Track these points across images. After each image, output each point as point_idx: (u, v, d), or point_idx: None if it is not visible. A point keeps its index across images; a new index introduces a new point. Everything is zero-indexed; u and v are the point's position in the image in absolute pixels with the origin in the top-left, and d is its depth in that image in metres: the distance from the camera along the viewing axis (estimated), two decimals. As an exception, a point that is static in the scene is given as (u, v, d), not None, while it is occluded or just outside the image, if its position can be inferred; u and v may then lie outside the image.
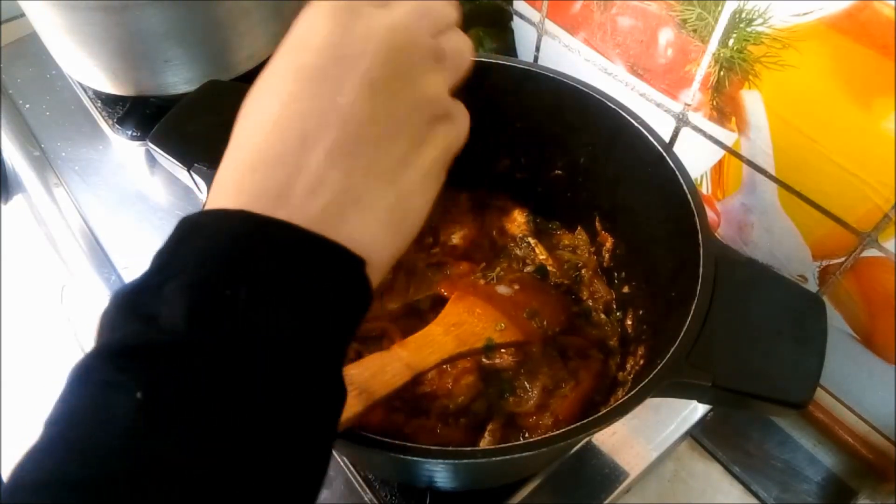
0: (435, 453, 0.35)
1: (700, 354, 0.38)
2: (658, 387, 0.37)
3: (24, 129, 0.79)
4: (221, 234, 0.24)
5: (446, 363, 0.48)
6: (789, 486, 0.60)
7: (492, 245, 0.62)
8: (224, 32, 0.69)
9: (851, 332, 0.55)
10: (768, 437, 0.63)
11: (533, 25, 0.68)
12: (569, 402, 0.51)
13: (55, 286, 0.76)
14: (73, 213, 0.72)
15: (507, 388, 0.51)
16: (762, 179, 0.55)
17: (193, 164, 0.48)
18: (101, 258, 0.68)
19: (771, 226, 0.56)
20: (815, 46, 0.46)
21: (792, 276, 0.56)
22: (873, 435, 0.59)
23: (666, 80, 0.58)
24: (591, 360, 0.54)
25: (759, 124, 0.52)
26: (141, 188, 0.73)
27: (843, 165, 0.48)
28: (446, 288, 0.56)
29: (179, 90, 0.71)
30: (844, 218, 0.50)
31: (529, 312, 0.53)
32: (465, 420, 0.50)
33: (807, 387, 0.38)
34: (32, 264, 0.81)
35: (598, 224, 0.59)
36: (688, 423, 0.59)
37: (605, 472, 0.56)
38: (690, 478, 0.61)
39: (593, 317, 0.58)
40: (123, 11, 0.63)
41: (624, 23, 0.58)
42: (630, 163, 0.51)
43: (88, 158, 0.76)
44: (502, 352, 0.52)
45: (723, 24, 0.50)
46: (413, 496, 0.53)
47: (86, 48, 0.68)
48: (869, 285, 0.52)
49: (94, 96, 0.79)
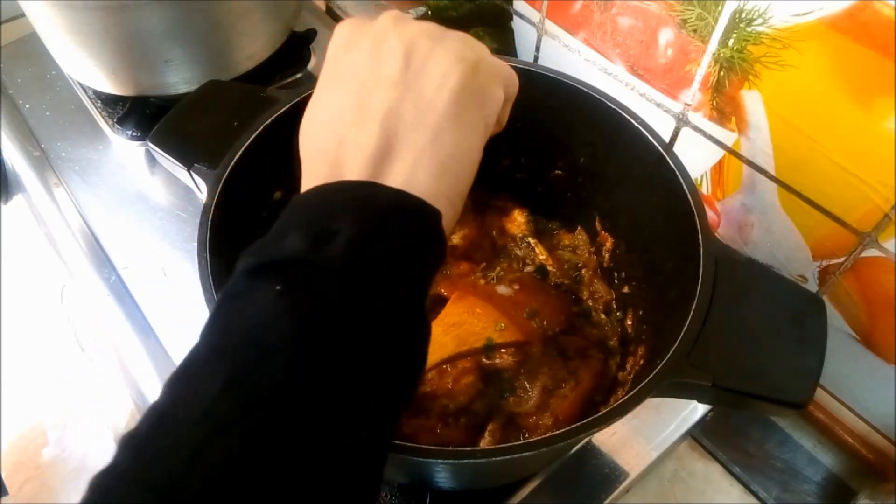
0: (435, 453, 0.35)
1: (700, 354, 0.38)
2: (658, 387, 0.37)
3: (24, 129, 0.79)
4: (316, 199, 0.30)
5: (446, 363, 0.48)
6: (789, 486, 0.60)
7: (492, 245, 0.62)
8: (224, 32, 0.69)
9: (851, 332, 0.55)
10: (768, 437, 0.63)
11: (533, 25, 0.68)
12: (569, 402, 0.51)
13: (55, 286, 0.76)
14: (73, 213, 0.72)
15: (507, 388, 0.51)
16: (762, 179, 0.55)
17: (193, 164, 0.48)
18: (101, 258, 0.68)
19: (771, 226, 0.56)
20: (815, 46, 0.46)
21: (792, 276, 0.56)
22: (873, 435, 0.59)
23: (666, 80, 0.58)
24: (591, 360, 0.54)
25: (759, 124, 0.53)
26: (141, 188, 0.74)
27: (843, 165, 0.48)
28: (446, 288, 0.56)
29: (179, 90, 0.71)
30: (844, 218, 0.50)
31: (529, 312, 0.53)
32: (465, 420, 0.50)
33: (807, 387, 0.38)
34: (32, 264, 0.81)
35: (598, 224, 0.59)
36: (688, 423, 0.59)
37: (605, 472, 0.56)
38: (690, 478, 0.61)
39: (593, 317, 0.58)
40: (123, 11, 0.63)
41: (624, 23, 0.58)
42: (630, 163, 0.51)
43: (88, 158, 0.76)
44: (502, 352, 0.52)
45: (723, 24, 0.50)
46: (413, 496, 0.53)
47: (86, 48, 0.68)
48: (869, 285, 0.52)
49: (94, 96, 0.79)
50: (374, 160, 0.30)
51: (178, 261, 0.67)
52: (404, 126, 0.31)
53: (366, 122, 0.31)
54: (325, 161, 0.31)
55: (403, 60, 0.32)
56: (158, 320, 0.63)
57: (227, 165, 0.45)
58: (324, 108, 0.33)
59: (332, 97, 0.33)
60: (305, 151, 0.33)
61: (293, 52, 0.81)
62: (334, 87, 0.33)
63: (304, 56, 0.83)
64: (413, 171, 0.30)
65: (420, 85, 0.31)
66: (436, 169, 0.31)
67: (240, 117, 0.49)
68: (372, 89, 0.31)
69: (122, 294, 0.66)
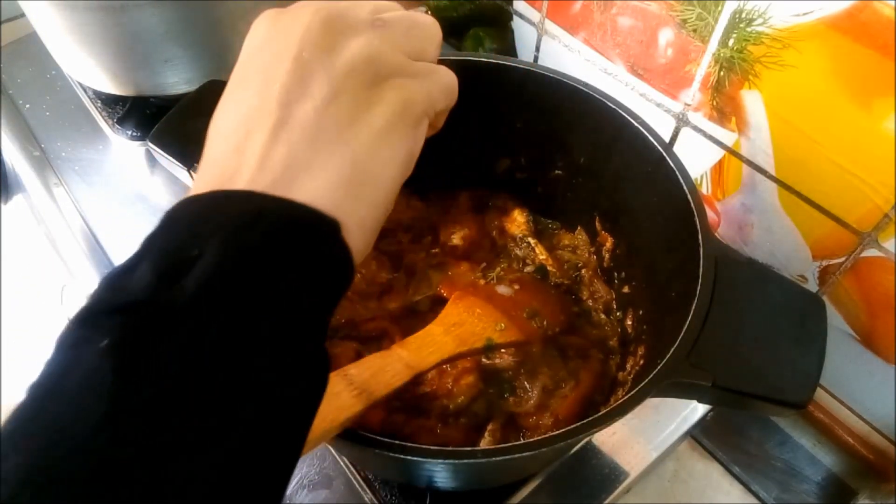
0: (435, 453, 0.35)
1: (700, 354, 0.38)
2: (658, 387, 0.37)
3: (24, 129, 0.79)
4: (186, 212, 0.25)
5: (446, 363, 0.48)
6: (789, 486, 0.60)
7: (492, 245, 0.62)
8: (224, 32, 0.69)
9: (851, 332, 0.55)
10: (768, 437, 0.63)
11: (533, 25, 0.68)
12: (569, 402, 0.51)
13: (55, 286, 0.76)
14: (73, 213, 0.72)
15: (507, 388, 0.51)
16: (762, 179, 0.55)
17: (193, 164, 0.48)
18: (101, 258, 0.68)
19: (771, 226, 0.56)
20: (815, 46, 0.46)
21: (792, 276, 0.56)
22: (873, 435, 0.59)
23: (666, 80, 0.58)
24: (591, 360, 0.54)
25: (759, 124, 0.52)
26: (141, 188, 0.73)
27: (843, 165, 0.48)
28: (446, 288, 0.56)
29: (179, 90, 0.71)
30: (844, 218, 0.50)
31: (529, 312, 0.53)
32: (465, 420, 0.50)
33: (807, 387, 0.38)
34: (32, 264, 0.81)
35: (598, 224, 0.59)
36: (688, 423, 0.59)
37: (605, 472, 0.56)
38: (690, 478, 0.61)
39: (593, 317, 0.58)
40: (123, 11, 0.63)
41: (624, 23, 0.58)
42: (630, 163, 0.51)
43: (88, 158, 0.76)
44: (502, 352, 0.52)
45: (723, 24, 0.50)
46: (413, 496, 0.53)
47: (86, 48, 0.68)
48: (869, 285, 0.52)
49: (94, 96, 0.79)
50: (272, 170, 0.26)
51: (178, 261, 0.67)
52: (322, 139, 0.27)
53: (264, 127, 0.27)
54: (214, 163, 0.27)
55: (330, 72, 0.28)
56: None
57: (227, 165, 0.45)
58: (230, 104, 0.29)
59: (239, 94, 0.29)
60: (205, 149, 0.29)
61: (293, 52, 0.80)
62: (242, 84, 0.29)
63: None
64: (319, 187, 0.26)
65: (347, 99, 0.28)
66: (347, 189, 0.27)
67: (240, 117, 0.49)
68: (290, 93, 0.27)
69: (122, 294, 0.65)
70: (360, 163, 0.27)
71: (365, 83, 0.28)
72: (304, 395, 0.25)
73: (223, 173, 0.26)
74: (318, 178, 0.26)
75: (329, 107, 0.27)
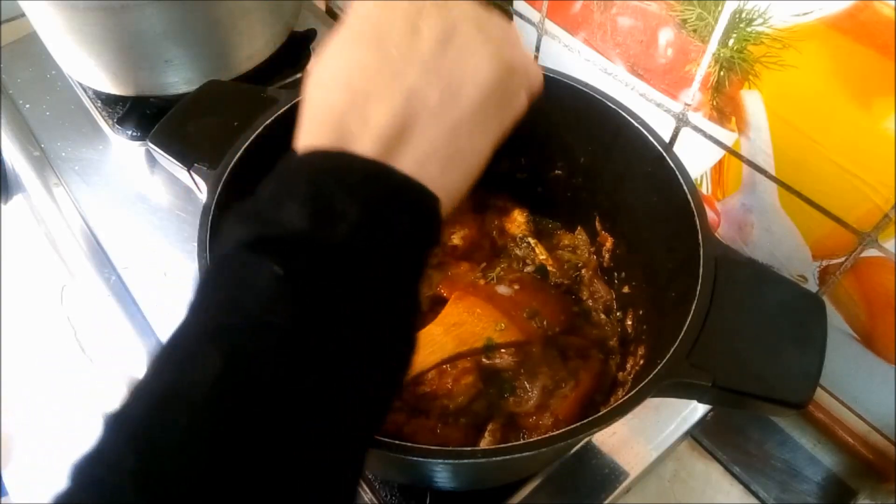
0: (435, 453, 0.35)
1: (700, 354, 0.38)
2: (658, 387, 0.37)
3: (24, 129, 0.79)
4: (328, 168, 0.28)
5: (446, 363, 0.48)
6: (789, 486, 0.60)
7: (492, 245, 0.62)
8: (224, 32, 0.69)
9: (851, 332, 0.55)
10: (768, 437, 0.63)
11: (533, 25, 0.68)
12: (569, 402, 0.51)
13: (55, 286, 0.76)
14: (73, 213, 0.72)
15: (507, 388, 0.51)
16: (762, 179, 0.55)
17: (193, 164, 0.48)
18: (101, 258, 0.68)
19: (771, 226, 0.56)
20: (815, 46, 0.46)
21: (792, 276, 0.56)
22: (873, 435, 0.59)
23: (666, 80, 0.58)
24: (591, 360, 0.54)
25: (759, 124, 0.52)
26: (141, 188, 0.74)
27: (843, 165, 0.48)
28: (446, 288, 0.56)
29: (179, 90, 0.71)
30: (844, 218, 0.50)
31: (529, 312, 0.53)
32: (465, 420, 0.50)
33: (807, 387, 0.38)
34: (32, 264, 0.81)
35: (598, 224, 0.59)
36: (688, 423, 0.59)
37: (605, 472, 0.56)
38: (690, 478, 0.61)
39: (593, 317, 0.58)
40: (123, 11, 0.63)
41: (624, 23, 0.58)
42: (630, 163, 0.51)
43: (88, 158, 0.76)
44: (502, 352, 0.52)
45: (723, 24, 0.50)
46: (413, 496, 0.53)
47: (86, 48, 0.68)
48: (869, 285, 0.52)
49: (94, 96, 0.79)
50: (386, 139, 0.29)
51: (179, 261, 0.67)
52: (426, 112, 0.29)
53: (386, 96, 0.29)
54: (332, 120, 0.29)
55: (440, 43, 0.30)
56: (158, 321, 0.63)
57: (227, 165, 0.45)
58: (344, 59, 0.31)
59: (355, 52, 0.30)
60: (312, 99, 0.31)
61: (293, 53, 0.81)
62: (359, 42, 0.31)
63: (304, 56, 0.83)
64: (423, 160, 0.29)
65: (451, 74, 0.30)
66: (445, 163, 0.30)
67: (240, 117, 0.49)
68: (400, 61, 0.29)
69: (123, 294, 0.66)
70: (458, 138, 0.30)
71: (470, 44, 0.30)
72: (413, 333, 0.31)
73: (342, 128, 0.29)
74: (419, 150, 0.29)
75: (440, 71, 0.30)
